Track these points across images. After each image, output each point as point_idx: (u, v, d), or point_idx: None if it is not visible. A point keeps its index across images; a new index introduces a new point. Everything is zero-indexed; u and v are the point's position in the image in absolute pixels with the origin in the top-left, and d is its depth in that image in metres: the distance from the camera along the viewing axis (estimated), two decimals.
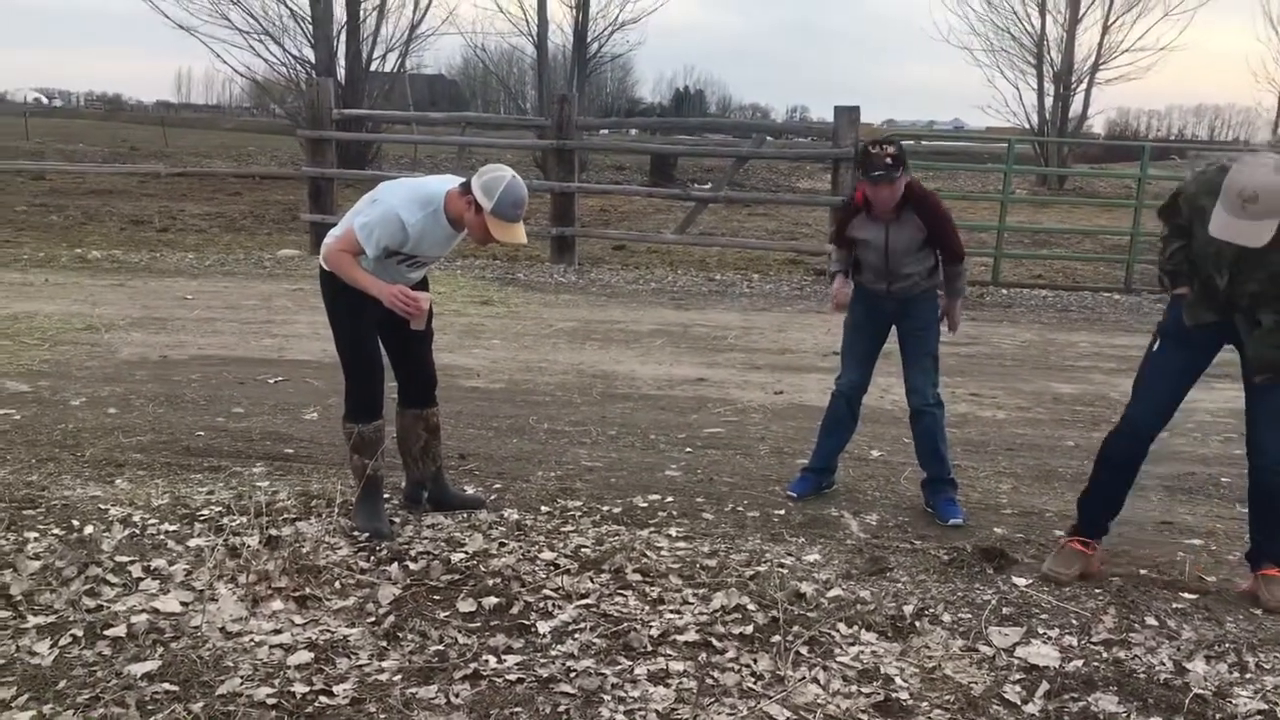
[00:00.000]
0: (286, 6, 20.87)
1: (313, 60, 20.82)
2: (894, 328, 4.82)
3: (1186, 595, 3.86)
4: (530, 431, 5.90)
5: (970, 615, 3.65)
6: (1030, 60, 31.79)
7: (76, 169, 21.86)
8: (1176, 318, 3.90)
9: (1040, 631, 3.55)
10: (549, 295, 10.79)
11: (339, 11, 21.17)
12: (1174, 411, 3.96)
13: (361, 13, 21.43)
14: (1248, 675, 3.31)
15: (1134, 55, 31.89)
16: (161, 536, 4.06)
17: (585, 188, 13.92)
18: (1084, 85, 32.00)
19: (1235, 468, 5.54)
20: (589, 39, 31.37)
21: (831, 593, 3.78)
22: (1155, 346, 3.96)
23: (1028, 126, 31.68)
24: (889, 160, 4.46)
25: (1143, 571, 4.10)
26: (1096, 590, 3.88)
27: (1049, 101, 31.83)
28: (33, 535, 4.01)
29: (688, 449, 5.67)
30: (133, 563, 3.79)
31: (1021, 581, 3.93)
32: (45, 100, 79.04)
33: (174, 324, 8.54)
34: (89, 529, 4.09)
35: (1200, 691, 3.18)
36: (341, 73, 20.81)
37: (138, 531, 4.10)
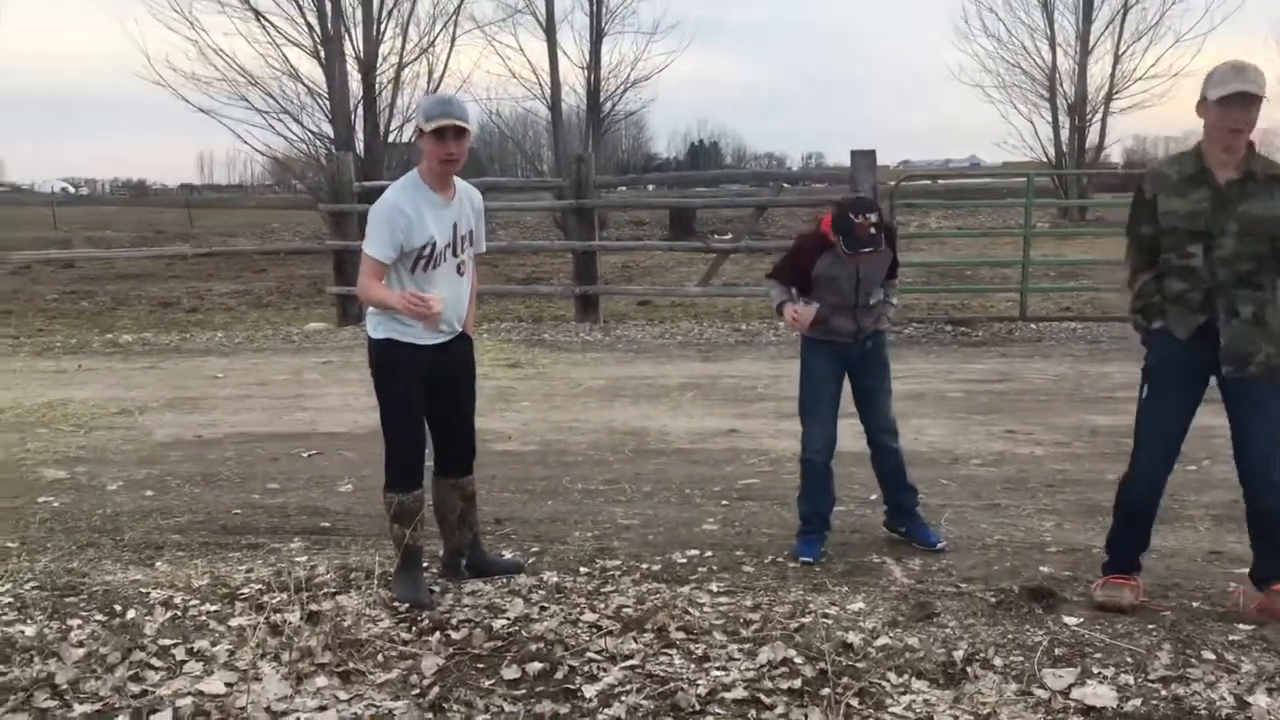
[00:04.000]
0: (304, 84, 21.24)
1: (331, 135, 21.14)
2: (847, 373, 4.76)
3: (1242, 626, 3.78)
4: (565, 492, 5.89)
5: (1022, 658, 3.58)
6: (1043, 94, 32.01)
7: (105, 255, 22.24)
8: (1161, 353, 3.88)
9: (1095, 671, 3.47)
10: (576, 354, 10.82)
11: (355, 86, 21.53)
12: (1179, 449, 3.96)
13: (377, 86, 21.77)
14: None
15: (1147, 83, 31.81)
16: (203, 617, 4.05)
17: (606, 246, 14.01)
18: (1099, 115, 32.08)
19: None
20: (602, 98, 31.70)
21: (879, 641, 3.73)
22: (1144, 393, 3.94)
23: (1044, 159, 31.74)
24: (873, 231, 4.39)
25: (1195, 604, 4.02)
26: (1150, 626, 3.80)
27: (1064, 134, 31.92)
28: (75, 622, 4.01)
29: (724, 502, 5.63)
30: (176, 645, 3.79)
31: (1072, 621, 3.85)
32: (72, 189, 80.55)
33: (206, 403, 8.61)
34: (131, 613, 4.09)
35: None
36: (360, 145, 21.10)
37: (179, 613, 4.10)
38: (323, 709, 3.34)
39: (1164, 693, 3.32)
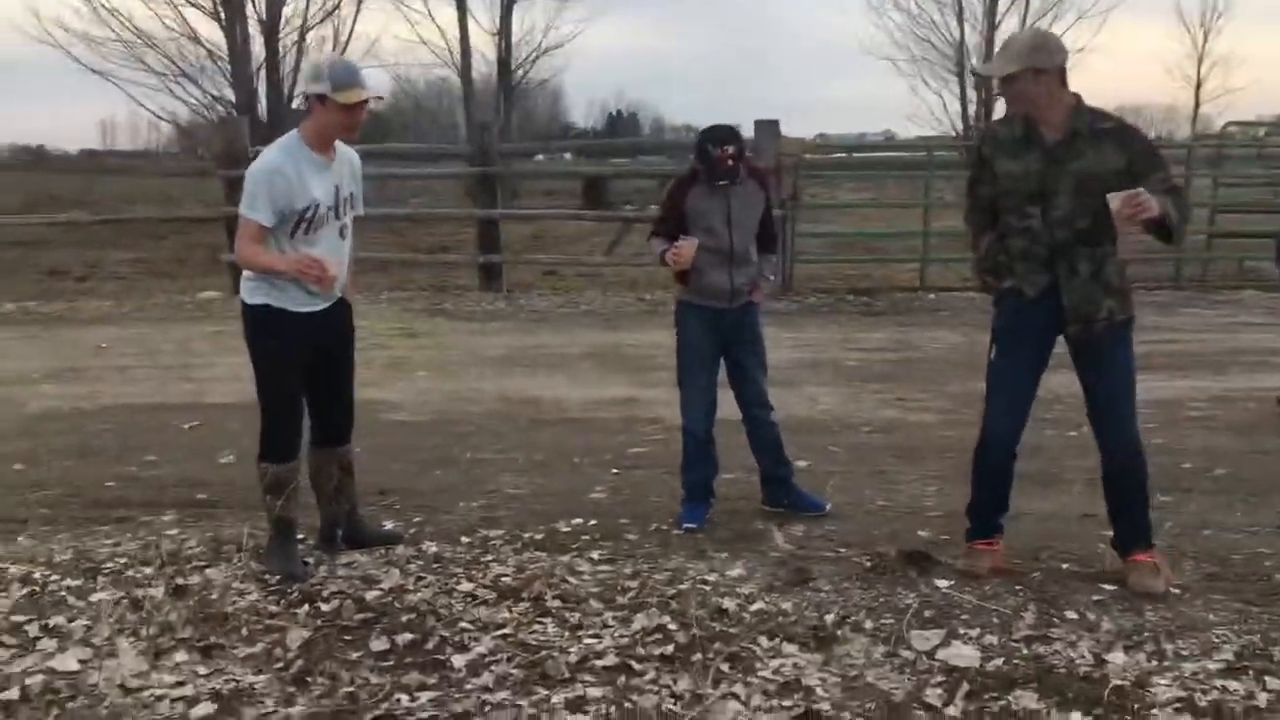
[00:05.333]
0: (203, 46, 20.63)
1: (233, 99, 20.58)
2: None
3: (1106, 587, 3.86)
4: (455, 462, 5.81)
5: (892, 620, 3.62)
6: (951, 69, 32.39)
7: None
8: (1008, 312, 3.96)
9: (961, 632, 3.52)
10: (477, 324, 10.68)
11: (257, 49, 21.00)
12: (1029, 410, 3.99)
13: (281, 49, 21.26)
14: (1165, 663, 3.31)
15: None
16: (62, 593, 3.90)
17: (509, 214, 13.85)
18: None
19: (1159, 457, 5.58)
20: (514, 66, 31.33)
21: (754, 606, 3.74)
22: (993, 354, 4.00)
23: (955, 133, 32.18)
24: (730, 163, 4.46)
25: (1064, 566, 4.11)
26: (1018, 587, 3.87)
27: (972, 108, 32.39)
28: None
29: (614, 470, 5.61)
30: (30, 622, 3.65)
31: (943, 583, 3.90)
32: None
33: (88, 374, 8.32)
34: None
35: (1119, 682, 3.17)
36: (263, 109, 20.58)
37: (37, 589, 3.94)
38: (180, 684, 3.25)
39: (1026, 651, 3.39)
